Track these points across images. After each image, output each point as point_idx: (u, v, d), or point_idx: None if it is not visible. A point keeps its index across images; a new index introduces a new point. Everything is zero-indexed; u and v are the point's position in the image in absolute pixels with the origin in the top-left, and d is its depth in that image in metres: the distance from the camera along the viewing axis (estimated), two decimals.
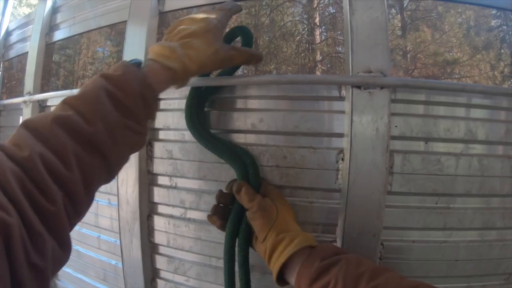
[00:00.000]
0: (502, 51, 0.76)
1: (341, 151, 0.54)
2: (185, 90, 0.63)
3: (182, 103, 0.63)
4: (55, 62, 1.07)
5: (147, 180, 0.67)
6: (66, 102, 0.36)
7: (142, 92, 0.39)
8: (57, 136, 0.32)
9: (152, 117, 0.44)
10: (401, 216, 0.55)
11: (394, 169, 0.54)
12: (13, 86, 1.32)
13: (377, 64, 0.52)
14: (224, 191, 0.56)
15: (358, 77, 0.51)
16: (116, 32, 1.15)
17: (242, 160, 0.55)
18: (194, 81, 0.56)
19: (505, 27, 0.75)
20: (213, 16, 0.48)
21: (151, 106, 0.42)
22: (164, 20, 0.73)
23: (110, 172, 0.39)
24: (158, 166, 0.66)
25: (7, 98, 1.23)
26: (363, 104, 0.51)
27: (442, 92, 0.55)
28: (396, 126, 0.54)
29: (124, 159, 0.41)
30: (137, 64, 0.43)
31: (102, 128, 0.35)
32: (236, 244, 0.54)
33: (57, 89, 1.02)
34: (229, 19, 0.51)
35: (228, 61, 0.49)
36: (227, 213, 0.54)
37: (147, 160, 0.66)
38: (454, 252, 0.57)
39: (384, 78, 0.51)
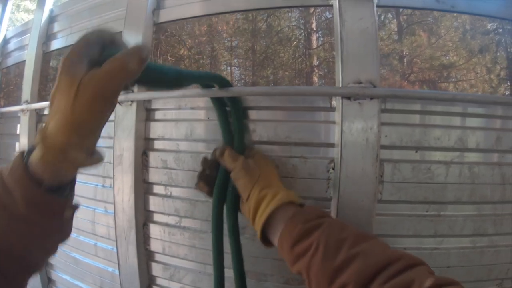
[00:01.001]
0: (498, 54, 0.76)
1: (331, 160, 0.55)
2: (179, 101, 0.64)
3: (178, 114, 0.65)
4: (53, 68, 1.08)
5: (142, 189, 0.68)
6: None
7: (28, 195, 0.31)
8: None
9: (59, 213, 0.34)
10: (391, 224, 0.56)
11: (384, 178, 0.55)
12: (11, 91, 1.32)
13: (367, 74, 0.53)
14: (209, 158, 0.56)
15: (348, 88, 0.52)
16: None
17: (231, 128, 0.56)
18: (183, 93, 0.57)
19: (500, 30, 0.75)
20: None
21: (48, 207, 0.32)
22: (159, 31, 0.74)
23: (25, 274, 0.34)
24: (154, 175, 0.67)
25: (4, 104, 1.24)
26: (353, 115, 0.52)
27: (431, 102, 0.56)
28: (386, 136, 0.55)
29: (38, 261, 0.36)
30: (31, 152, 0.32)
31: None
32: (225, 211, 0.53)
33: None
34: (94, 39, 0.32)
35: (100, 91, 0.30)
36: (214, 179, 0.54)
37: (143, 170, 0.67)
38: (445, 259, 0.58)
39: (374, 89, 0.52)
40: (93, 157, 0.33)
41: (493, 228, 0.59)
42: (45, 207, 0.32)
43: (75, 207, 0.37)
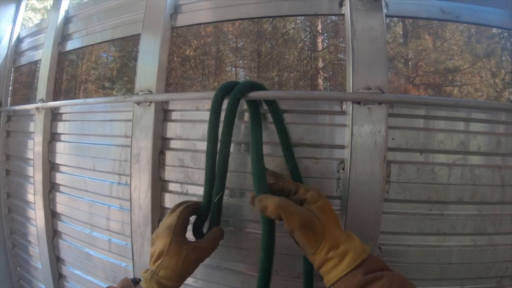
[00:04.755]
0: (503, 58, 0.77)
1: (341, 161, 0.58)
2: (197, 102, 0.67)
3: (195, 115, 0.68)
4: (60, 67, 1.10)
5: (159, 186, 0.70)
6: None
7: None
8: None
9: None
10: (397, 222, 0.59)
11: (391, 178, 0.58)
12: (16, 89, 1.34)
13: (375, 81, 0.56)
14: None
15: (358, 94, 0.55)
16: (119, 38, 1.17)
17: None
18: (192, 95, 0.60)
19: (506, 34, 0.76)
20: (170, 220, 0.53)
21: None
22: (176, 33, 0.77)
23: None
24: (170, 174, 0.69)
25: (11, 102, 1.26)
26: (363, 118, 0.56)
27: (436, 107, 0.59)
28: (393, 139, 0.58)
29: None
30: (135, 282, 0.53)
31: None
32: None
33: (60, 94, 1.06)
34: (189, 212, 0.55)
35: (200, 258, 0.53)
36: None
37: (159, 168, 0.70)
38: (447, 256, 0.61)
39: (382, 95, 0.55)
40: None
41: (492, 228, 0.62)
42: None
43: None
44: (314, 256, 0.46)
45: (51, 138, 0.96)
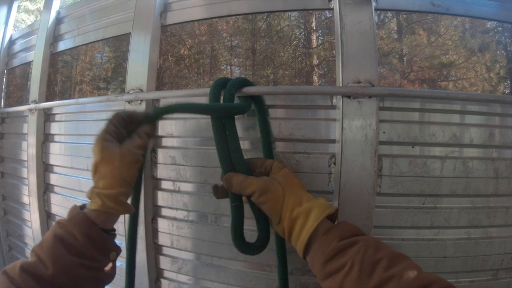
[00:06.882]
0: (498, 52, 0.77)
1: (333, 156, 0.58)
2: (188, 100, 0.66)
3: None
4: (55, 68, 1.09)
5: (151, 184, 0.70)
6: (33, 249, 0.44)
7: (87, 232, 0.45)
8: (25, 281, 0.41)
9: (107, 252, 0.48)
10: (390, 215, 0.59)
11: (383, 172, 0.58)
12: (11, 92, 1.34)
13: (365, 75, 0.56)
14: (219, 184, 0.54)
15: (348, 88, 0.55)
16: (113, 38, 1.17)
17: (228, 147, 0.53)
18: (190, 92, 0.59)
19: (500, 28, 0.76)
20: (101, 130, 0.49)
21: (100, 243, 0.46)
22: (166, 31, 0.77)
23: None
24: (162, 171, 0.69)
25: (5, 104, 1.25)
26: (353, 112, 0.55)
27: (427, 100, 0.59)
28: (384, 132, 0.57)
29: None
30: (83, 206, 0.49)
31: (57, 271, 0.42)
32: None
33: (54, 95, 1.05)
34: (115, 121, 0.50)
35: (137, 154, 0.49)
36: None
37: (152, 166, 0.70)
38: (441, 249, 0.61)
39: (372, 88, 0.55)
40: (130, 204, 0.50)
41: (487, 220, 0.62)
42: (100, 242, 0.46)
43: (119, 251, 0.50)
44: (281, 224, 0.46)
45: (45, 139, 0.96)
